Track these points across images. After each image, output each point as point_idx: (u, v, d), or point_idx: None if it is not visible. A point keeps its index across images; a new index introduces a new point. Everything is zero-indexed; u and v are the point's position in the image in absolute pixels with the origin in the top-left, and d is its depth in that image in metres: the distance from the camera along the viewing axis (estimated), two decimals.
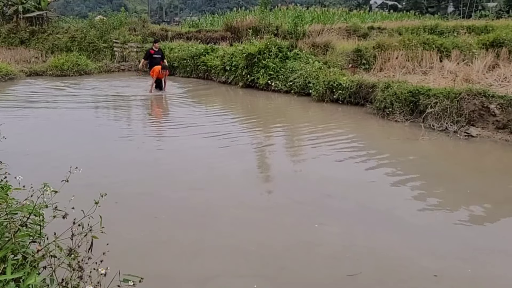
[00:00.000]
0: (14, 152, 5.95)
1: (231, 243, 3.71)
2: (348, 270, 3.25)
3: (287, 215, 4.27)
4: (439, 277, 3.17)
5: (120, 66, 18.56)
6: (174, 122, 8.84)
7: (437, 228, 4.01)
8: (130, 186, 5.04)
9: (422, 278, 3.19)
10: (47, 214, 1.86)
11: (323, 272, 3.28)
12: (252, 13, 25.35)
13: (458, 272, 3.31)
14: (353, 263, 3.37)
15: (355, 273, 3.20)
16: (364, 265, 3.33)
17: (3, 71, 14.86)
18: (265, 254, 3.52)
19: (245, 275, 3.23)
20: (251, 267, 3.35)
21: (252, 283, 3.09)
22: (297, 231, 3.95)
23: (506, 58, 11.94)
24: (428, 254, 3.52)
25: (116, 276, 1.66)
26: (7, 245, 1.65)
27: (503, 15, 39.84)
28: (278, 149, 6.88)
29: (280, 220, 4.17)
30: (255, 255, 3.51)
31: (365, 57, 12.81)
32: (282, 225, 4.07)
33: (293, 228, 4.01)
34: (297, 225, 4.06)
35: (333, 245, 3.69)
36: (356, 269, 3.26)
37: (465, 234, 3.91)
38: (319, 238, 3.81)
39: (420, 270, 3.30)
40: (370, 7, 60.80)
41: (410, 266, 3.37)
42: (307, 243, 3.73)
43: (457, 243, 3.73)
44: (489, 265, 3.40)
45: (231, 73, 13.70)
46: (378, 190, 4.96)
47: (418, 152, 6.57)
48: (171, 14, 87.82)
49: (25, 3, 23.40)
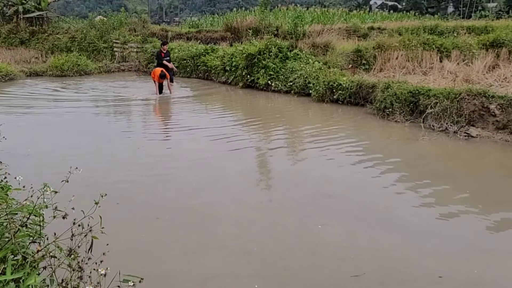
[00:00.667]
0: (16, 152, 5.95)
1: (233, 243, 3.71)
2: (352, 271, 3.24)
3: (288, 216, 4.26)
4: (443, 278, 3.16)
5: (120, 67, 18.56)
6: (174, 123, 8.83)
7: (438, 228, 4.01)
8: (131, 186, 5.03)
9: (426, 279, 3.19)
10: (47, 215, 1.86)
11: (326, 273, 3.27)
12: (252, 13, 25.35)
13: (462, 273, 3.30)
14: (356, 263, 3.37)
15: (359, 274, 3.19)
16: (367, 265, 3.33)
17: (3, 71, 14.86)
18: (267, 254, 3.52)
19: (247, 275, 3.23)
20: (253, 268, 3.34)
21: (254, 284, 3.09)
22: (299, 232, 3.94)
23: (506, 58, 11.94)
24: (430, 254, 3.52)
25: (116, 276, 1.66)
26: (7, 245, 1.65)
27: (503, 15, 39.84)
28: (278, 149, 6.87)
29: (282, 220, 4.17)
30: (257, 255, 3.51)
31: (365, 57, 12.81)
32: (284, 225, 4.06)
33: (295, 228, 4.01)
34: (299, 226, 4.06)
35: (336, 245, 3.69)
36: (360, 270, 3.25)
37: (466, 234, 3.90)
38: (322, 238, 3.80)
39: (423, 271, 3.29)
40: (370, 8, 60.79)
41: (413, 266, 3.36)
42: (309, 243, 3.72)
43: (459, 243, 3.73)
44: (491, 266, 3.39)
45: (231, 74, 13.70)
46: (378, 190, 4.96)
47: (418, 153, 6.57)
48: (171, 15, 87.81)
49: (25, 3, 23.41)
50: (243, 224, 4.10)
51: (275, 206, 4.56)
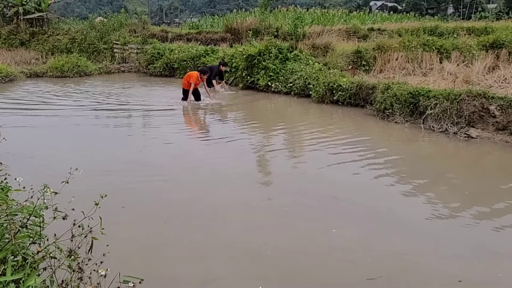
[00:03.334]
0: (21, 154, 5.95)
1: (245, 246, 3.65)
2: (367, 274, 3.18)
3: (300, 219, 4.19)
4: (463, 282, 3.11)
5: (120, 68, 18.58)
6: (174, 124, 8.82)
7: (445, 230, 3.97)
8: (133, 187, 5.02)
9: (444, 283, 3.13)
10: (47, 215, 1.86)
11: (342, 276, 3.21)
12: (252, 14, 25.41)
13: (481, 276, 3.25)
14: (372, 267, 3.30)
15: (375, 277, 3.14)
16: (383, 269, 3.26)
17: (3, 72, 14.87)
18: (280, 257, 3.46)
19: (261, 278, 3.19)
20: (266, 270, 3.29)
21: (266, 286, 3.08)
22: (311, 235, 3.88)
23: (506, 59, 11.95)
24: (447, 257, 3.46)
25: (116, 277, 1.66)
26: (7, 246, 1.65)
27: (503, 16, 39.89)
28: (279, 151, 6.87)
29: (293, 223, 4.10)
30: (271, 259, 3.44)
31: (365, 58, 12.82)
32: (295, 228, 3.99)
33: (307, 231, 3.93)
34: (311, 229, 3.98)
35: (350, 248, 3.62)
36: (376, 273, 3.18)
37: (478, 237, 3.85)
38: (335, 241, 3.74)
39: (441, 274, 3.22)
40: (370, 9, 60.88)
41: (431, 270, 3.28)
42: (324, 246, 3.66)
43: (471, 246, 3.67)
44: (507, 270, 3.33)
45: (231, 75, 13.72)
46: (381, 192, 4.93)
47: (418, 153, 6.57)
48: (171, 16, 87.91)
49: (26, 4, 23.45)
50: (253, 228, 4.03)
51: (281, 208, 4.47)
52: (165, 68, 16.65)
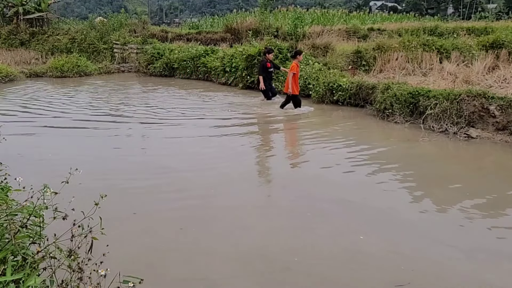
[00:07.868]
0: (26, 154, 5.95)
1: (266, 252, 3.55)
2: (395, 280, 3.11)
3: (321, 223, 4.11)
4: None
5: (120, 68, 18.59)
6: (174, 125, 8.82)
7: (456, 232, 3.91)
8: (136, 188, 5.01)
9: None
10: (47, 216, 1.86)
11: (370, 282, 3.14)
12: (252, 14, 25.42)
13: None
14: (400, 272, 3.23)
15: (404, 284, 3.07)
16: (411, 274, 3.19)
17: (3, 72, 14.89)
18: (306, 263, 3.37)
19: (287, 283, 3.14)
20: (294, 277, 3.21)
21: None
22: (336, 239, 3.78)
23: (506, 59, 11.94)
24: (473, 261, 3.41)
25: (116, 277, 1.66)
26: (7, 246, 1.65)
27: (503, 16, 39.93)
28: (280, 152, 6.88)
29: (315, 227, 4.00)
30: (300, 265, 3.35)
31: (365, 58, 12.81)
32: (319, 234, 3.88)
33: (329, 236, 3.84)
34: (336, 233, 3.89)
35: (376, 253, 3.52)
36: (404, 279, 3.11)
37: (493, 240, 3.81)
38: (360, 246, 3.65)
39: (472, 280, 3.15)
40: (370, 9, 60.92)
41: (460, 275, 3.22)
42: (349, 252, 3.57)
43: (488, 248, 3.62)
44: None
45: (231, 75, 13.72)
46: (382, 191, 4.91)
47: (418, 153, 6.56)
48: (171, 16, 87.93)
49: (26, 4, 23.47)
50: (273, 233, 3.92)
51: (304, 212, 4.35)
52: (165, 68, 16.66)
